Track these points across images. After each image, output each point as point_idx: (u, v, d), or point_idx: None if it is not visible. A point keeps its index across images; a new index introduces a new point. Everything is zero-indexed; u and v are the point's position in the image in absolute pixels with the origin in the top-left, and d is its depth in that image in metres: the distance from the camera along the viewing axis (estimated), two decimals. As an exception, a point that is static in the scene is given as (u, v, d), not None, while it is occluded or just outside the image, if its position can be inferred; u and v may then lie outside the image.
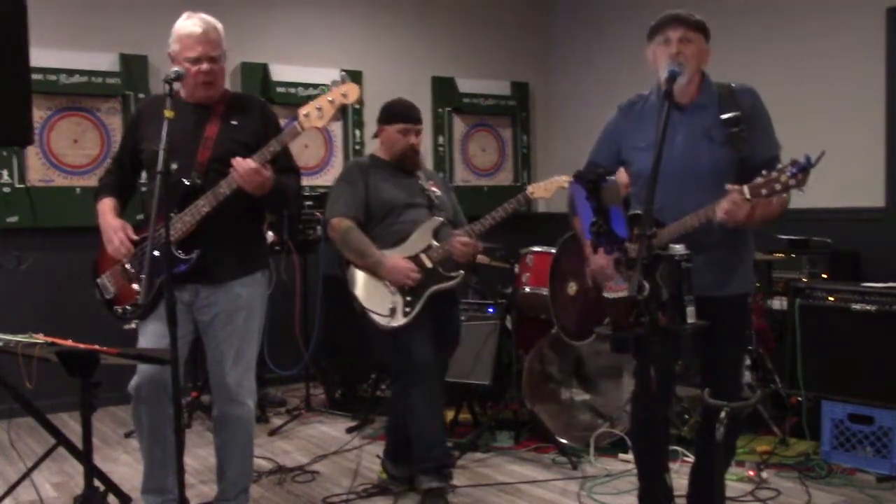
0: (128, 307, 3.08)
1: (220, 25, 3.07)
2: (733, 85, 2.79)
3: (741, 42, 5.46)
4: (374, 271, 3.53)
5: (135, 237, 3.05)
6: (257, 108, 3.21)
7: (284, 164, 3.11)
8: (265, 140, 3.07)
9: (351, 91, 3.06)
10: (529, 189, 3.87)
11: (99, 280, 3.15)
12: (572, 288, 3.08)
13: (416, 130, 3.70)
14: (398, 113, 3.70)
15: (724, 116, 2.71)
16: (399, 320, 3.49)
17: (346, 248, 3.57)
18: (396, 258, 3.52)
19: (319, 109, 3.02)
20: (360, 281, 3.56)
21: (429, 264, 3.57)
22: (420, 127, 3.74)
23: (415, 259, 3.56)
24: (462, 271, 3.68)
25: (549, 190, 3.88)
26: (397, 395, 3.69)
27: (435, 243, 3.61)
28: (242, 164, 2.91)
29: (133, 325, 3.11)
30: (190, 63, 2.99)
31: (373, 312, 3.50)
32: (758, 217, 2.58)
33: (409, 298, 3.52)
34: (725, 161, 2.71)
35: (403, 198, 3.63)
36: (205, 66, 3.00)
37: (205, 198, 2.96)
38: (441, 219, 3.66)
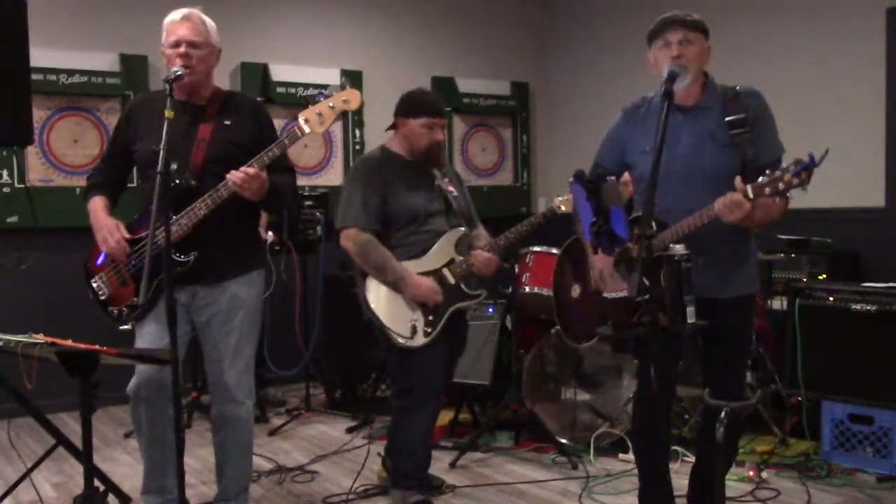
0: (124, 308, 3.07)
1: (209, 20, 3.07)
2: (738, 87, 2.78)
3: (740, 42, 5.46)
4: (394, 287, 3.38)
5: (129, 236, 3.03)
6: (251, 107, 3.20)
7: (279, 164, 3.08)
8: (259, 140, 3.06)
9: (352, 97, 3.05)
10: (556, 202, 3.79)
11: (93, 281, 3.13)
12: (576, 290, 3.09)
13: (441, 125, 3.47)
14: (423, 106, 3.45)
15: (729, 118, 2.71)
16: (420, 340, 3.38)
17: (364, 261, 3.39)
18: (420, 277, 3.40)
19: (320, 115, 3.02)
20: (379, 296, 3.41)
21: (452, 280, 3.46)
22: (445, 121, 3.51)
23: (437, 274, 3.45)
24: (484, 290, 3.58)
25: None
26: (399, 407, 3.58)
27: (458, 257, 3.49)
28: (239, 175, 2.88)
29: (129, 327, 3.10)
30: (170, 47, 2.98)
31: (391, 331, 3.37)
32: (757, 219, 2.58)
33: (430, 318, 3.40)
34: (730, 163, 2.70)
35: (424, 205, 3.46)
36: (182, 48, 2.97)
37: (202, 200, 2.94)
38: (463, 229, 3.55)
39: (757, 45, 5.49)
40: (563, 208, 3.79)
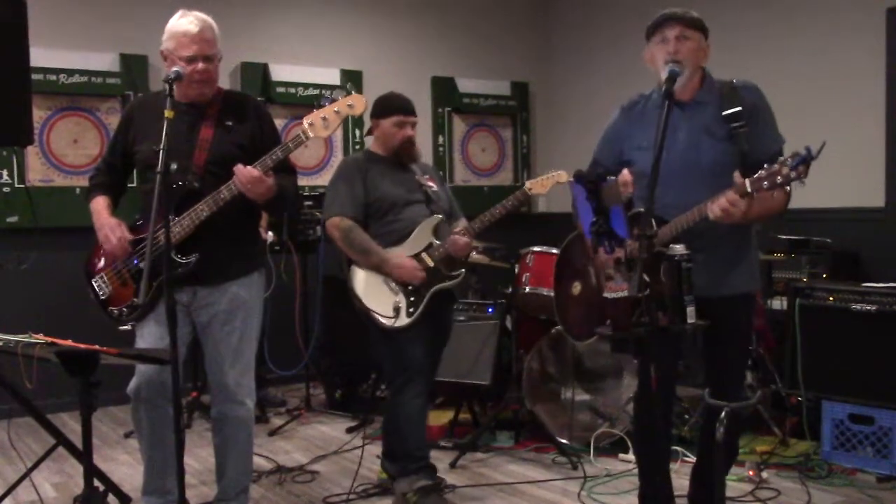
0: (124, 308, 3.07)
1: (214, 24, 3.04)
2: (735, 81, 2.79)
3: (740, 42, 5.46)
4: (378, 269, 3.52)
5: (131, 237, 3.03)
6: (252, 108, 3.18)
7: (281, 165, 3.07)
8: (261, 141, 3.06)
9: (357, 102, 3.05)
10: (527, 185, 3.89)
11: (94, 281, 3.13)
12: (576, 288, 3.08)
13: (411, 122, 3.66)
14: (392, 106, 3.65)
15: (726, 112, 2.71)
16: (403, 321, 3.49)
17: (349, 247, 3.54)
18: (401, 256, 3.53)
19: (324, 119, 3.01)
20: (363, 280, 3.54)
21: (430, 263, 3.57)
22: (415, 119, 3.69)
23: (416, 258, 3.56)
24: (463, 270, 3.69)
25: (546, 186, 3.91)
26: (390, 392, 3.67)
27: (436, 241, 3.60)
28: (245, 173, 2.88)
29: (129, 327, 3.09)
30: (185, 62, 2.95)
31: (376, 313, 3.50)
32: (755, 214, 2.58)
33: (412, 299, 3.52)
34: (727, 157, 2.71)
35: (402, 195, 3.60)
36: (200, 65, 2.96)
37: (204, 202, 2.94)
38: (440, 216, 3.66)
39: (757, 45, 5.48)
40: (533, 190, 3.89)
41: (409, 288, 3.53)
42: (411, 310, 3.51)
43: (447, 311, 3.78)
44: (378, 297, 3.52)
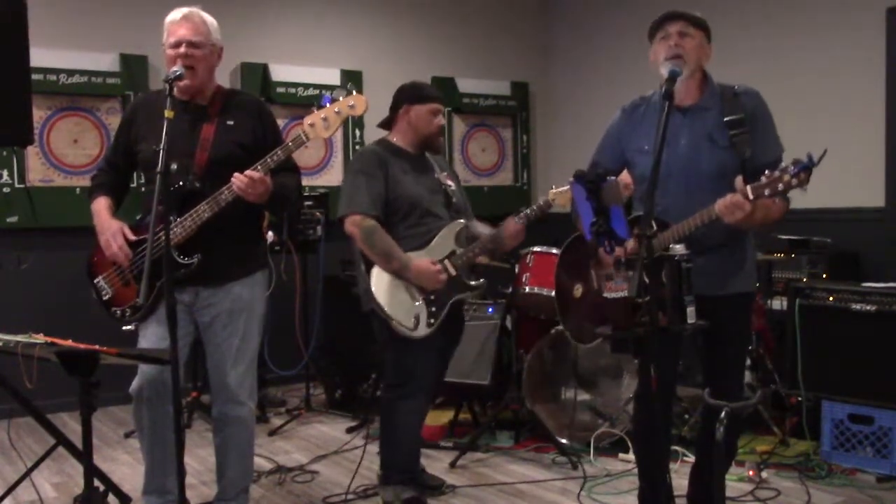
0: (126, 309, 3.07)
1: (209, 19, 3.06)
2: (736, 87, 2.79)
3: (740, 42, 5.46)
4: (398, 274, 3.39)
5: (132, 238, 3.03)
6: (254, 107, 3.18)
7: (284, 164, 3.06)
8: (262, 140, 3.05)
9: (359, 103, 3.04)
10: (551, 196, 3.74)
11: (96, 281, 3.13)
12: (578, 290, 3.08)
13: (443, 112, 3.57)
14: (430, 93, 3.55)
15: (727, 119, 2.71)
16: (423, 331, 3.39)
17: (370, 248, 3.38)
18: (422, 260, 3.41)
19: (325, 120, 3.00)
20: (384, 286, 3.40)
21: (453, 272, 3.47)
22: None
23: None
24: (483, 280, 3.59)
25: (569, 197, 3.72)
26: (391, 400, 3.59)
27: (458, 249, 3.50)
28: (242, 179, 2.87)
29: (132, 327, 3.09)
30: (171, 48, 2.97)
31: (396, 321, 3.37)
32: (757, 219, 2.58)
33: (433, 309, 3.42)
34: (728, 163, 2.71)
35: (424, 195, 3.48)
36: (182, 49, 2.95)
37: (206, 203, 2.93)
38: (463, 221, 3.57)
39: (756, 44, 5.48)
40: (557, 201, 3.71)
41: (432, 297, 3.42)
42: (431, 320, 3.41)
43: (458, 316, 3.71)
44: (400, 304, 3.39)
